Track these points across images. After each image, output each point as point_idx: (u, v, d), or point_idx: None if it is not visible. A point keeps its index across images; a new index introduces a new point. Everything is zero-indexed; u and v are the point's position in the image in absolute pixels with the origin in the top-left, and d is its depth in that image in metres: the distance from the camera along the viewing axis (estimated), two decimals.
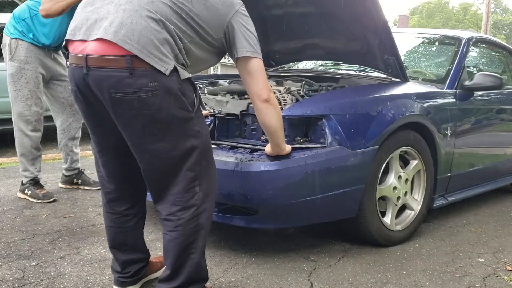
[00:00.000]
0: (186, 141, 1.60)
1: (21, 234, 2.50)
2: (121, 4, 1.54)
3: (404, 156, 2.66)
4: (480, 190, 3.41)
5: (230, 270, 2.19)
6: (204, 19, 1.62)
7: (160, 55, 1.50)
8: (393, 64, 2.83)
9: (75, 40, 1.58)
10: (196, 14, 1.60)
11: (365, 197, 2.37)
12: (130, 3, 1.53)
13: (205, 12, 1.63)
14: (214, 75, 3.75)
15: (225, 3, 1.68)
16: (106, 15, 1.54)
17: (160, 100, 1.51)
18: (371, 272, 2.26)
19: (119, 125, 1.59)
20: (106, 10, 1.56)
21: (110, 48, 1.49)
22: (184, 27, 1.58)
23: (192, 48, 1.62)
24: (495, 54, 3.97)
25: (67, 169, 3.40)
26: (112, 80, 1.49)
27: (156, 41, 1.50)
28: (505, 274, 2.33)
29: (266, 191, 2.09)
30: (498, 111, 3.48)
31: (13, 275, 2.02)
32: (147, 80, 1.49)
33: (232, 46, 1.72)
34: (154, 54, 1.49)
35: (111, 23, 1.51)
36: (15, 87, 2.98)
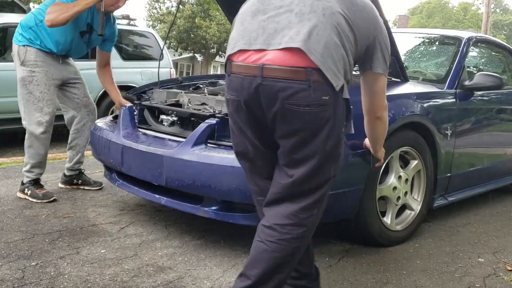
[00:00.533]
0: (332, 164, 1.56)
1: (21, 234, 2.50)
2: (304, 14, 1.48)
3: (404, 156, 2.66)
4: (480, 190, 3.41)
5: (230, 270, 2.19)
6: (360, 31, 1.56)
7: (335, 70, 1.46)
8: (393, 64, 2.83)
9: (250, 49, 1.52)
10: (357, 27, 1.54)
11: (365, 197, 2.37)
12: (314, 13, 1.48)
13: (362, 24, 1.56)
14: (214, 75, 3.75)
15: (372, 13, 1.62)
16: (288, 24, 1.48)
17: (328, 115, 1.48)
18: (371, 272, 2.26)
19: (280, 135, 1.53)
20: (286, 20, 1.49)
21: (293, 59, 1.44)
22: (353, 42, 1.53)
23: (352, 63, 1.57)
24: (495, 54, 3.97)
25: (69, 169, 3.38)
26: (288, 92, 1.44)
27: (335, 55, 1.46)
28: (505, 274, 2.33)
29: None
30: (498, 111, 3.48)
31: (13, 275, 2.01)
32: (321, 93, 1.45)
33: (367, 59, 1.67)
34: (332, 68, 1.45)
35: (297, 33, 1.45)
36: (27, 90, 2.98)
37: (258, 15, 1.56)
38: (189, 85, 3.29)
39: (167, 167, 2.34)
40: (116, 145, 2.66)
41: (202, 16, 25.29)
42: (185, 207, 2.40)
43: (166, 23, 26.03)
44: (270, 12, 1.54)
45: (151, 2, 27.80)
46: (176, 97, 2.81)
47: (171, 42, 25.97)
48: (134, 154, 2.54)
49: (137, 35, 6.75)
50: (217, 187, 2.19)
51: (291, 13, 1.50)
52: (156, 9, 27.74)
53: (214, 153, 2.24)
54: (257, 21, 1.55)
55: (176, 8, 26.48)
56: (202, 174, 2.22)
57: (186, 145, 2.33)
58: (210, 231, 2.64)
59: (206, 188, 2.23)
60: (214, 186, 2.19)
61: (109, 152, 2.74)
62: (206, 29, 24.93)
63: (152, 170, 2.43)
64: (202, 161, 2.23)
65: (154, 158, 2.40)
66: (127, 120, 2.80)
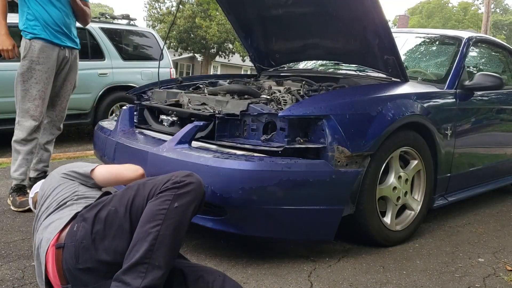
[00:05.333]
0: None
1: (21, 234, 2.50)
2: None
3: (404, 156, 2.66)
4: (480, 190, 3.41)
5: (230, 270, 2.19)
6: None
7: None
8: (393, 64, 2.83)
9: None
10: None
11: (365, 197, 2.37)
12: None
13: None
14: (214, 75, 3.76)
15: None
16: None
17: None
18: (371, 272, 2.26)
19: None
20: None
21: None
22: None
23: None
24: (495, 54, 3.97)
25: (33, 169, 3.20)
26: None
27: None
28: (505, 274, 2.33)
29: (236, 190, 2.06)
30: (498, 111, 3.48)
31: (13, 275, 2.01)
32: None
33: None
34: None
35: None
36: (23, 87, 2.92)
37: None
38: (189, 85, 3.29)
39: (149, 163, 2.34)
40: (111, 141, 2.71)
41: (202, 16, 25.29)
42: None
43: (166, 23, 26.03)
44: None
45: (151, 2, 27.81)
46: (176, 97, 2.82)
47: (171, 42, 25.97)
48: (124, 151, 2.56)
49: (137, 35, 6.75)
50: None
51: None
52: (156, 9, 27.76)
53: (193, 152, 2.22)
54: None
55: (176, 8, 26.49)
56: (178, 171, 2.20)
57: (170, 143, 2.33)
58: (210, 231, 2.64)
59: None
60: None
61: (105, 149, 2.78)
62: (206, 29, 24.93)
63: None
64: (180, 159, 2.21)
65: (140, 154, 2.41)
66: (126, 119, 2.83)
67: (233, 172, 2.06)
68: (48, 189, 1.96)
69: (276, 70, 3.74)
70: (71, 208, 1.82)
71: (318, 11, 3.03)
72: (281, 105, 2.51)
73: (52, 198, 1.89)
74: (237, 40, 23.79)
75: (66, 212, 1.79)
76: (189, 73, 35.36)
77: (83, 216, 1.67)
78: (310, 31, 3.25)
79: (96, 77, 5.94)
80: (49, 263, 1.66)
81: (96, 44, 6.03)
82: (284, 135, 2.23)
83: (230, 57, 29.06)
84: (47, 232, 1.73)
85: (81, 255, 1.60)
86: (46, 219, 1.80)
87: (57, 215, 1.79)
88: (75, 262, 1.60)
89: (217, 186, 2.07)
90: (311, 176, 2.15)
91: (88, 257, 1.60)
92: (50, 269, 1.67)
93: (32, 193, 2.26)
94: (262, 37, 3.60)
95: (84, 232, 1.62)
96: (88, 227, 1.62)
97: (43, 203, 1.90)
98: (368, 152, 2.32)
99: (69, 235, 1.65)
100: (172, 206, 1.57)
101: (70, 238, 1.64)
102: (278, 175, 2.08)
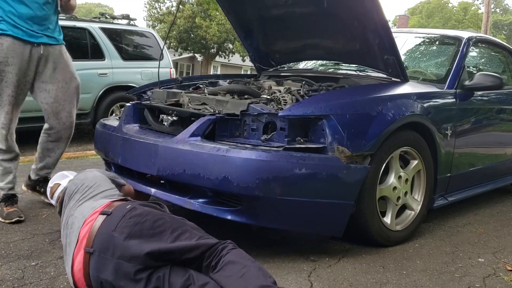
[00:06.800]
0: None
1: (21, 234, 2.50)
2: None
3: (404, 156, 2.66)
4: (480, 190, 3.41)
5: None
6: None
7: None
8: (393, 64, 2.83)
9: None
10: None
11: (365, 197, 2.37)
12: None
13: None
14: (214, 75, 3.76)
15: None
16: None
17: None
18: (371, 272, 2.26)
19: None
20: None
21: None
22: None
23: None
24: (495, 54, 3.97)
25: (36, 173, 2.99)
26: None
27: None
28: (505, 274, 2.33)
29: (253, 180, 2.09)
30: (498, 111, 3.48)
31: (13, 275, 2.01)
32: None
33: None
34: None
35: None
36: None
37: None
38: (189, 85, 3.30)
39: (160, 156, 2.36)
40: (116, 137, 2.72)
41: (202, 16, 25.29)
42: (172, 198, 2.41)
43: (166, 23, 26.03)
44: None
45: (151, 2, 27.81)
46: (176, 97, 2.82)
47: (171, 42, 25.97)
48: (131, 145, 2.58)
49: (137, 35, 6.76)
50: (206, 176, 2.18)
51: None
52: (156, 9, 27.75)
53: (209, 143, 2.26)
54: None
55: (176, 8, 26.49)
56: (194, 162, 2.22)
57: (183, 136, 2.35)
58: (210, 231, 2.63)
59: (196, 177, 2.22)
60: (203, 175, 2.19)
61: (109, 144, 2.78)
62: (206, 29, 24.92)
63: (146, 160, 2.44)
64: (195, 150, 2.23)
65: (149, 147, 2.43)
66: (130, 115, 2.86)
67: (251, 162, 2.10)
68: (91, 180, 2.12)
69: (276, 70, 3.74)
70: (119, 197, 1.99)
71: (318, 11, 3.03)
72: (281, 105, 2.51)
73: (98, 188, 2.05)
74: (237, 40, 23.78)
75: (116, 196, 1.98)
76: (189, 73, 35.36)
77: (138, 204, 1.82)
78: (310, 31, 3.25)
79: (96, 77, 5.94)
80: (86, 225, 1.77)
81: (96, 44, 6.03)
82: (284, 135, 2.23)
83: (230, 57, 29.06)
84: (96, 203, 1.88)
85: (121, 228, 1.69)
86: (91, 200, 1.95)
87: (105, 199, 1.93)
88: (113, 228, 1.69)
89: (234, 176, 2.11)
90: (324, 170, 2.18)
91: (125, 231, 1.68)
92: (83, 231, 1.76)
93: (52, 182, 2.39)
94: (262, 37, 3.60)
95: (134, 214, 1.73)
96: (139, 215, 1.73)
97: (84, 190, 2.04)
98: (368, 152, 2.32)
99: (120, 208, 1.78)
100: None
101: (119, 211, 1.76)
102: (293, 166, 2.12)
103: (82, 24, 6.03)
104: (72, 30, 5.92)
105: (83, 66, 5.83)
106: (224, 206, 2.26)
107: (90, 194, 2.00)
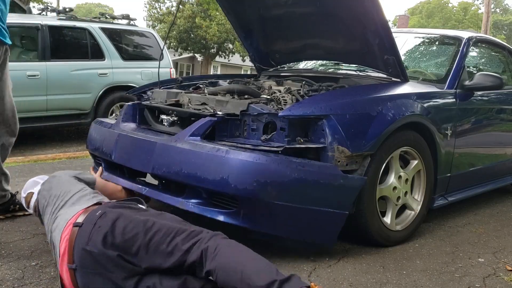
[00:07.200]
0: None
1: (21, 234, 2.50)
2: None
3: (404, 156, 2.66)
4: (480, 190, 3.41)
5: None
6: None
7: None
8: (393, 64, 2.83)
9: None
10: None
11: (365, 197, 2.37)
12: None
13: None
14: (214, 75, 3.76)
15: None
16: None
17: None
18: (371, 272, 2.26)
19: None
20: None
21: None
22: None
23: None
24: (495, 54, 3.97)
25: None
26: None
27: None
28: (505, 274, 2.33)
29: (251, 182, 2.08)
30: (498, 111, 3.48)
31: (13, 275, 2.01)
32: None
33: None
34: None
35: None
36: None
37: None
38: (189, 85, 3.30)
39: (157, 153, 2.36)
40: (111, 133, 2.72)
41: (202, 16, 25.30)
42: (165, 198, 2.39)
43: (166, 23, 26.04)
44: None
45: (151, 2, 27.82)
46: (176, 97, 2.82)
47: (171, 42, 25.98)
48: (127, 142, 2.58)
49: (137, 35, 6.76)
50: (204, 176, 2.16)
51: None
52: (156, 9, 27.76)
53: (208, 143, 2.25)
54: None
55: (176, 8, 26.49)
56: (191, 161, 2.21)
57: (183, 135, 2.35)
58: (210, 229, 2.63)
59: (192, 177, 2.21)
60: (201, 174, 2.18)
61: (104, 141, 2.78)
62: (206, 29, 24.93)
63: (142, 157, 2.44)
64: (193, 149, 2.23)
65: (146, 145, 2.43)
66: (129, 114, 2.86)
67: (250, 164, 2.09)
68: (57, 187, 2.07)
69: (276, 70, 3.74)
70: (91, 199, 1.96)
71: (318, 11, 3.03)
72: (281, 105, 2.51)
73: (67, 194, 2.01)
74: (237, 40, 23.78)
75: (86, 202, 1.94)
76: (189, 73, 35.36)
77: (109, 208, 1.80)
78: (310, 31, 3.25)
79: (96, 77, 5.94)
80: (63, 241, 1.76)
81: (96, 44, 6.03)
82: (284, 135, 2.23)
83: (230, 57, 29.07)
84: (68, 214, 1.86)
85: (93, 241, 1.68)
86: (63, 209, 1.93)
87: (76, 206, 1.91)
88: (86, 241, 1.69)
89: (232, 177, 2.10)
90: (322, 178, 2.18)
91: (97, 242, 1.67)
92: (62, 247, 1.76)
93: (25, 192, 2.33)
94: (262, 37, 3.60)
95: (104, 220, 1.72)
96: (109, 220, 1.72)
97: (54, 201, 2.00)
98: (368, 152, 2.32)
99: (90, 216, 1.76)
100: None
101: (89, 220, 1.75)
102: (292, 172, 2.11)
103: (82, 24, 6.03)
104: (72, 30, 5.92)
105: (83, 66, 5.84)
106: (218, 207, 2.25)
107: (61, 204, 1.97)
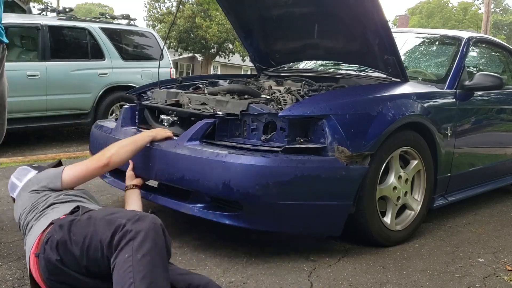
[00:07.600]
0: None
1: (21, 234, 2.49)
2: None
3: (404, 156, 2.66)
4: (480, 190, 3.41)
5: (230, 270, 2.19)
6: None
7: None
8: (393, 64, 2.83)
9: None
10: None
11: (365, 197, 2.37)
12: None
13: None
14: (214, 75, 3.76)
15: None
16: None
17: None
18: (371, 272, 2.26)
19: None
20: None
21: None
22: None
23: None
24: (495, 54, 3.97)
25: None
26: None
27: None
28: (505, 274, 2.33)
29: (253, 185, 2.08)
30: (498, 111, 3.48)
31: (13, 275, 2.02)
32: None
33: None
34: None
35: None
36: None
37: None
38: (189, 85, 3.30)
39: (158, 160, 2.35)
40: (113, 139, 2.69)
41: (202, 16, 25.30)
42: (170, 203, 2.40)
43: (166, 23, 26.03)
44: None
45: (151, 2, 27.81)
46: (176, 97, 2.82)
47: (171, 42, 25.98)
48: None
49: (137, 35, 6.75)
50: (206, 182, 2.17)
51: None
52: (156, 9, 27.76)
53: (207, 148, 2.24)
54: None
55: (176, 8, 26.49)
56: (192, 168, 2.21)
57: (181, 140, 2.34)
58: (210, 231, 2.64)
59: (195, 183, 2.21)
60: (202, 181, 2.18)
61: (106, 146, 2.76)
62: (206, 29, 24.92)
63: (144, 164, 2.43)
64: (193, 155, 2.22)
65: (147, 151, 2.42)
66: (127, 117, 2.84)
67: (250, 167, 2.08)
68: (21, 210, 1.98)
69: (276, 70, 3.74)
70: (47, 217, 1.83)
71: (318, 11, 3.03)
72: (281, 105, 2.51)
73: (30, 214, 1.91)
74: (237, 40, 23.78)
75: (43, 222, 1.81)
76: (189, 73, 35.36)
77: (51, 233, 1.68)
78: (310, 31, 3.25)
79: (96, 77, 5.94)
80: (33, 271, 1.72)
81: (96, 44, 6.03)
82: (284, 135, 2.23)
83: (230, 57, 29.06)
84: (30, 241, 1.79)
85: (51, 268, 1.64)
86: (31, 230, 1.84)
87: (36, 226, 1.82)
88: (48, 274, 1.65)
89: (233, 182, 2.10)
90: (323, 172, 2.18)
91: (57, 271, 1.63)
92: (34, 276, 1.72)
93: (11, 194, 2.29)
94: (262, 37, 3.60)
95: (49, 248, 1.64)
96: (53, 246, 1.64)
97: (23, 222, 1.94)
98: (368, 152, 2.32)
99: (41, 245, 1.68)
100: (136, 258, 1.48)
101: (42, 248, 1.67)
102: (293, 170, 2.12)
103: (82, 24, 6.03)
104: (72, 30, 5.92)
105: (83, 66, 5.83)
106: (223, 211, 2.26)
107: (31, 222, 1.88)
